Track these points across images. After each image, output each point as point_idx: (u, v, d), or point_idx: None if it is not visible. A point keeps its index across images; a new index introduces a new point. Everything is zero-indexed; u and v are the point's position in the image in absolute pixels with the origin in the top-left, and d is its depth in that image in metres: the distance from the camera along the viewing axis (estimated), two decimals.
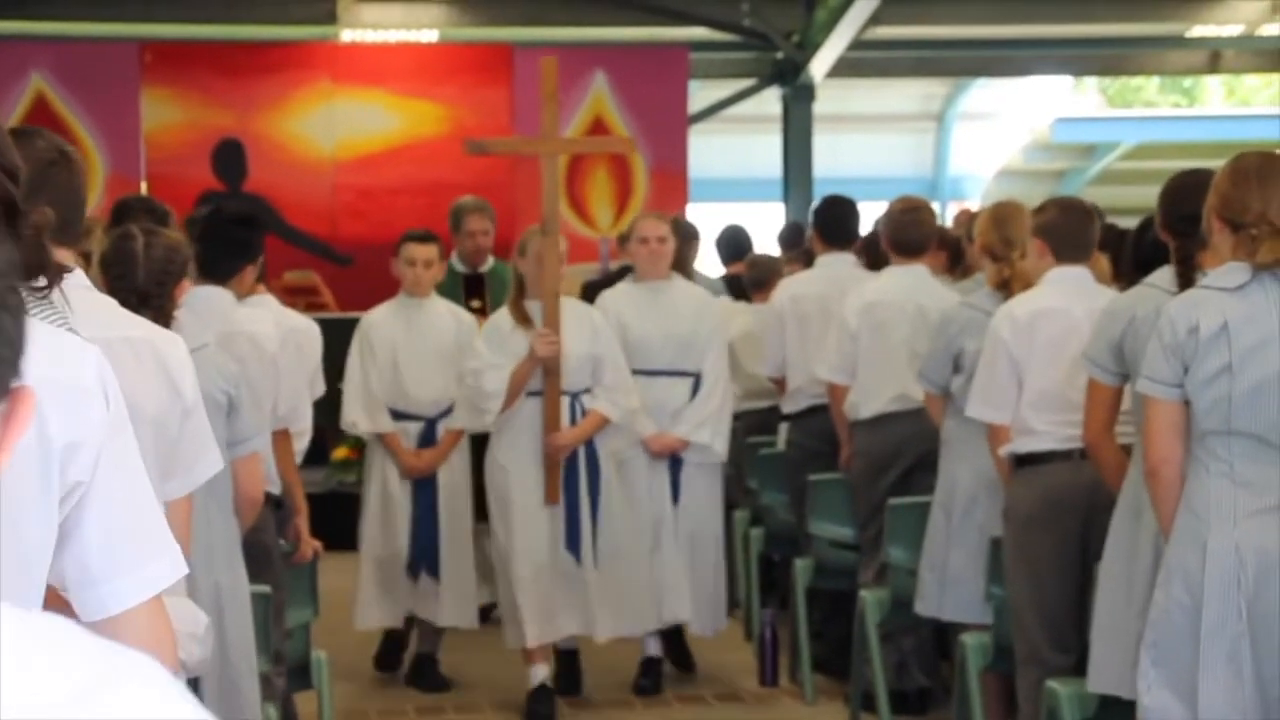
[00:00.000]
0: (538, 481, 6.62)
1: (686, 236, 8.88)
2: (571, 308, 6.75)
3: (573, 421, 6.65)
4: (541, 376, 6.59)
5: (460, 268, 7.99)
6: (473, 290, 7.95)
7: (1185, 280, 4.34)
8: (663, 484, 7.00)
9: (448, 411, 7.05)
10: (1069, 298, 5.21)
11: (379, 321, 7.19)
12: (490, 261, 8.05)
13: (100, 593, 1.85)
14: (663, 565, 6.94)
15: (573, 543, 6.67)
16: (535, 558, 6.62)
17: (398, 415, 7.11)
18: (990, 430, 5.37)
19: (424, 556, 7.10)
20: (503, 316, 6.70)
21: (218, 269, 5.31)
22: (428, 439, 7.13)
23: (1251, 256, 3.82)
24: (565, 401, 6.63)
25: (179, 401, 3.08)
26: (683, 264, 8.72)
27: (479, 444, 7.06)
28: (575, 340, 6.62)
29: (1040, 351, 5.23)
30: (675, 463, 7.02)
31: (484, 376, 6.55)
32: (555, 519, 6.66)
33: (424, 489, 7.13)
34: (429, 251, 7.10)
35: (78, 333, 2.05)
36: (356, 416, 7.11)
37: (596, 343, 6.68)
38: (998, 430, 5.34)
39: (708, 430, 6.99)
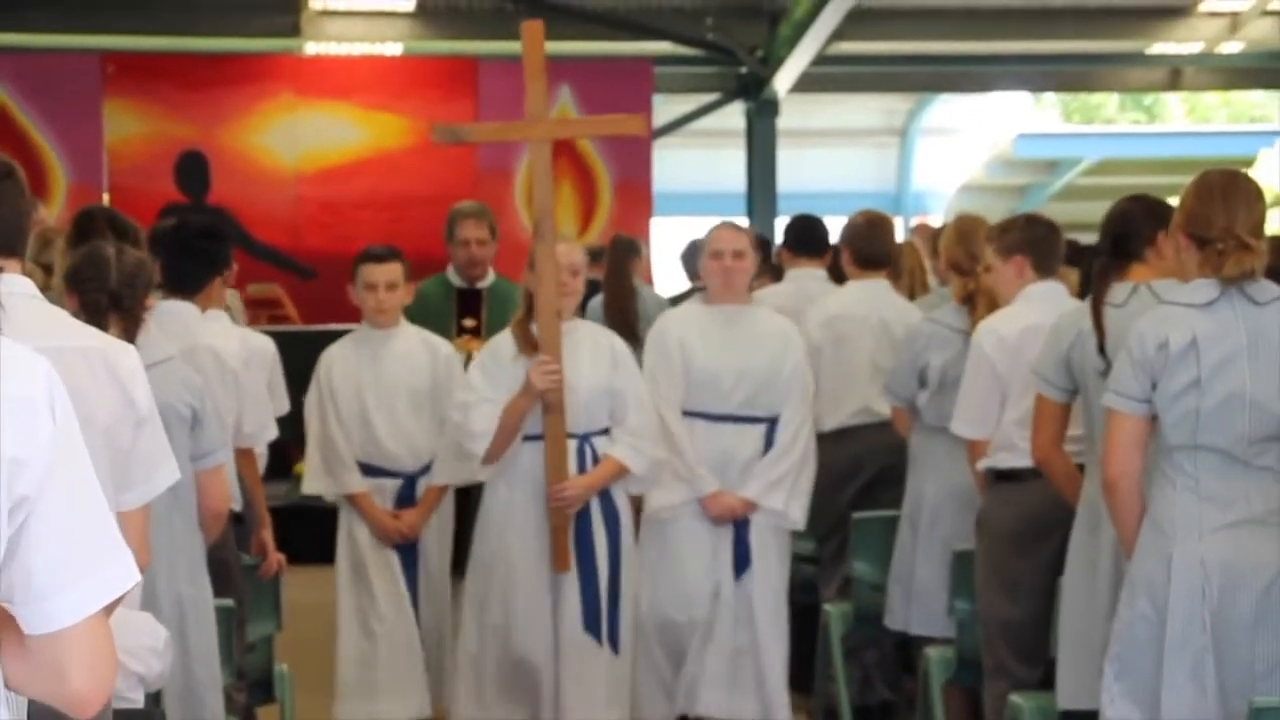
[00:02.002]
0: (542, 545, 5.41)
1: (628, 252, 8.87)
2: (583, 331, 5.56)
3: (580, 470, 5.43)
4: (541, 414, 5.38)
5: (456, 281, 6.96)
6: (468, 307, 6.93)
7: (1099, 293, 4.47)
8: (722, 551, 5.74)
9: (429, 466, 5.98)
10: (1052, 313, 5.24)
11: (339, 360, 5.99)
12: (491, 276, 6.98)
13: (45, 608, 1.83)
14: (715, 650, 5.73)
15: (592, 620, 5.42)
16: (542, 640, 5.41)
17: (369, 471, 5.98)
18: (970, 445, 5.38)
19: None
20: (504, 341, 5.48)
21: (185, 283, 5.29)
22: (406, 499, 5.98)
23: (1218, 271, 3.86)
24: (572, 446, 5.42)
25: (132, 411, 3.07)
26: (624, 280, 8.68)
27: (463, 494, 6.09)
28: (588, 370, 5.43)
29: (1027, 369, 5.24)
30: (741, 525, 5.74)
31: (472, 413, 5.38)
32: (565, 591, 5.43)
33: (409, 556, 6.00)
34: (390, 272, 5.90)
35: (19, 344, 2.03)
36: (319, 483, 5.97)
37: (616, 374, 5.45)
38: (977, 445, 5.35)
39: (782, 493, 5.70)
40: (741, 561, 5.73)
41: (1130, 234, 4.54)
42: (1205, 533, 3.84)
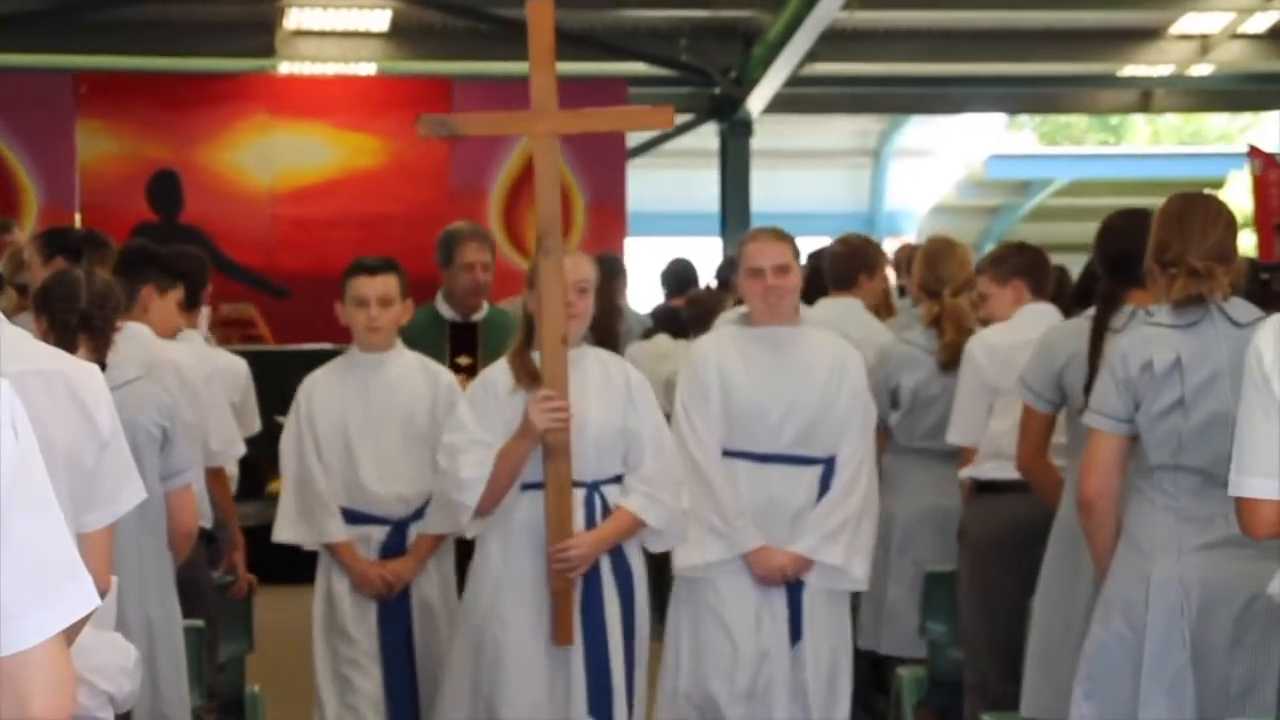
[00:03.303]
0: (541, 613, 4.61)
1: (614, 271, 8.89)
2: (592, 360, 4.72)
3: (589, 524, 4.60)
4: (542, 459, 4.58)
5: (447, 313, 6.07)
6: (462, 343, 6.06)
7: (1101, 317, 4.50)
8: (770, 615, 4.88)
9: (422, 511, 5.16)
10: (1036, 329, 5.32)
11: (321, 388, 5.20)
12: (485, 308, 6.13)
13: (4, 631, 1.82)
14: None
15: (600, 703, 4.60)
16: None
17: (353, 517, 5.19)
18: (961, 453, 5.42)
19: (400, 708, 5.17)
20: (499, 372, 4.67)
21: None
22: (394, 550, 5.19)
23: (1167, 296, 3.89)
24: (579, 496, 4.60)
25: (95, 433, 3.06)
26: (610, 299, 8.71)
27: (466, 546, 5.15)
28: (598, 406, 4.63)
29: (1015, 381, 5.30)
30: (793, 586, 4.91)
31: (460, 457, 4.57)
32: (568, 668, 4.62)
33: (393, 615, 5.18)
34: (384, 285, 5.11)
35: None
36: (294, 530, 5.18)
37: (632, 411, 4.65)
38: (966, 454, 5.39)
39: (840, 546, 4.84)
40: (795, 630, 4.85)
41: (1134, 254, 4.50)
42: (1184, 552, 3.85)
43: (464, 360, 5.97)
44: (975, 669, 5.24)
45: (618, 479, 4.66)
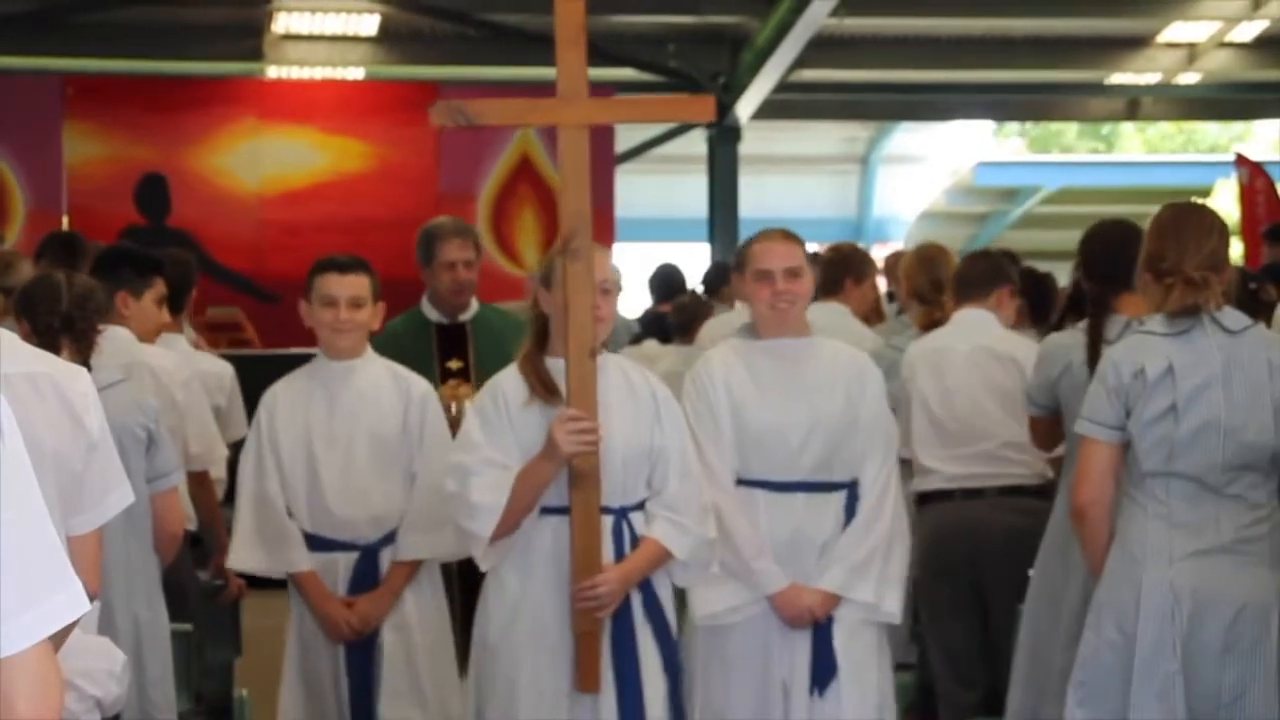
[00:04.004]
0: (563, 655, 4.11)
1: None
2: (614, 370, 4.22)
3: (618, 555, 4.11)
4: (567, 484, 4.07)
5: (433, 315, 5.65)
6: (451, 346, 5.62)
7: (1095, 326, 4.54)
8: (798, 662, 4.38)
9: (394, 535, 4.71)
10: (973, 339, 5.39)
11: (284, 400, 4.75)
12: (475, 307, 5.70)
13: None
14: None
15: None
16: None
17: (318, 544, 4.71)
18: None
19: None
20: (509, 381, 4.17)
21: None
22: (365, 579, 4.71)
23: (1164, 306, 3.90)
24: (606, 524, 4.11)
25: (83, 436, 3.05)
26: None
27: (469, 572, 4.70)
28: (624, 423, 4.14)
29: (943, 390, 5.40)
30: (821, 625, 4.40)
31: (472, 480, 4.05)
32: (597, 718, 4.12)
33: (358, 656, 4.70)
34: (354, 285, 4.71)
35: None
36: (251, 557, 4.73)
37: (660, 429, 4.18)
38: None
39: (870, 579, 4.37)
40: (824, 671, 4.35)
41: (1121, 260, 4.55)
42: (1175, 559, 3.86)
43: (455, 364, 5.56)
44: (937, 677, 5.36)
45: (644, 504, 4.17)
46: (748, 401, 4.37)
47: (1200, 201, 4.30)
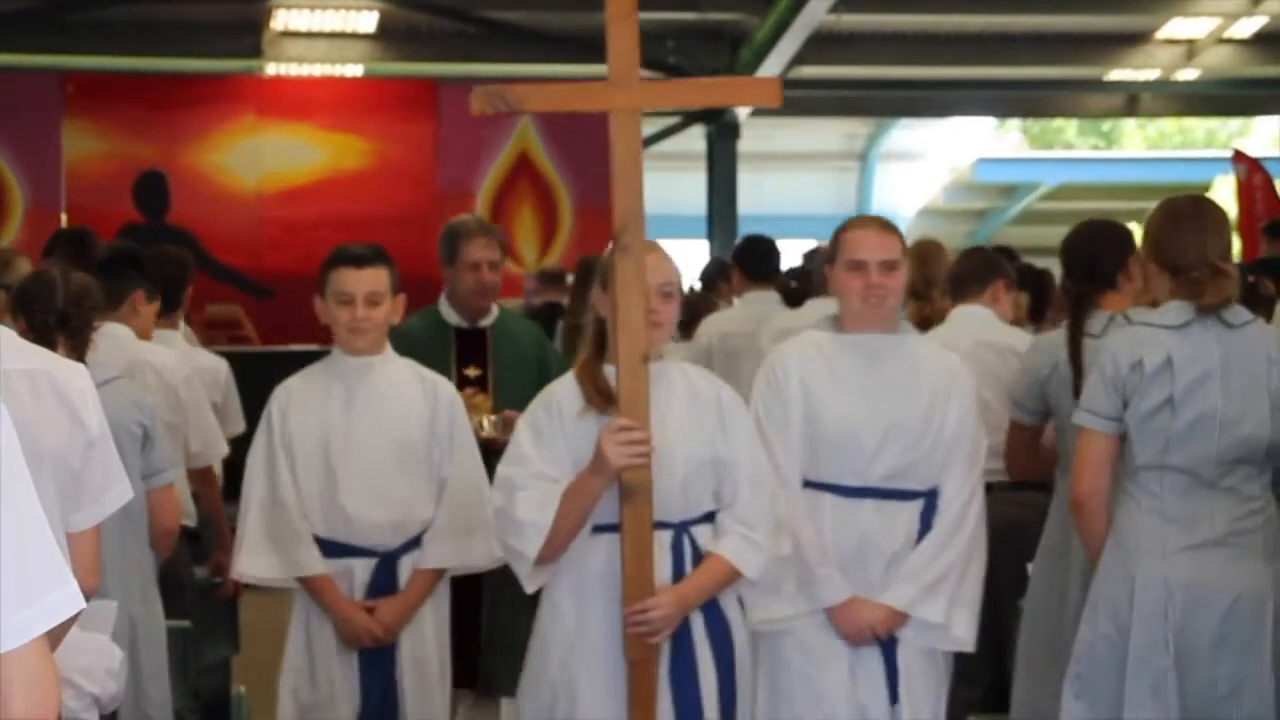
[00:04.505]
0: (620, 686, 3.76)
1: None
2: (677, 376, 3.89)
3: (678, 574, 3.78)
4: (618, 500, 3.72)
5: (452, 318, 5.36)
6: (470, 351, 5.34)
7: (1075, 322, 4.60)
8: (870, 673, 4.08)
9: (416, 542, 4.44)
10: (970, 335, 5.41)
11: (298, 399, 4.45)
12: (495, 311, 5.42)
13: None
14: None
15: None
16: None
17: (332, 549, 4.41)
18: None
19: None
20: (564, 390, 3.85)
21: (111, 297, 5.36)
22: (382, 586, 4.42)
23: (1199, 298, 3.89)
24: (664, 540, 3.77)
25: (82, 433, 3.06)
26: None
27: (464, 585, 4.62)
28: (685, 433, 3.81)
29: None
30: (887, 643, 4.08)
31: (519, 495, 3.75)
32: None
33: (375, 663, 4.43)
34: (373, 279, 4.39)
35: None
36: (261, 562, 4.41)
37: (723, 438, 3.84)
38: None
39: (941, 600, 4.03)
40: (894, 691, 4.07)
41: (1103, 261, 4.61)
42: (1169, 553, 3.86)
43: (473, 371, 5.30)
44: None
45: (709, 517, 3.82)
46: (823, 398, 4.05)
47: (1205, 196, 4.30)
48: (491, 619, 5.07)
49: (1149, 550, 3.86)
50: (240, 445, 6.02)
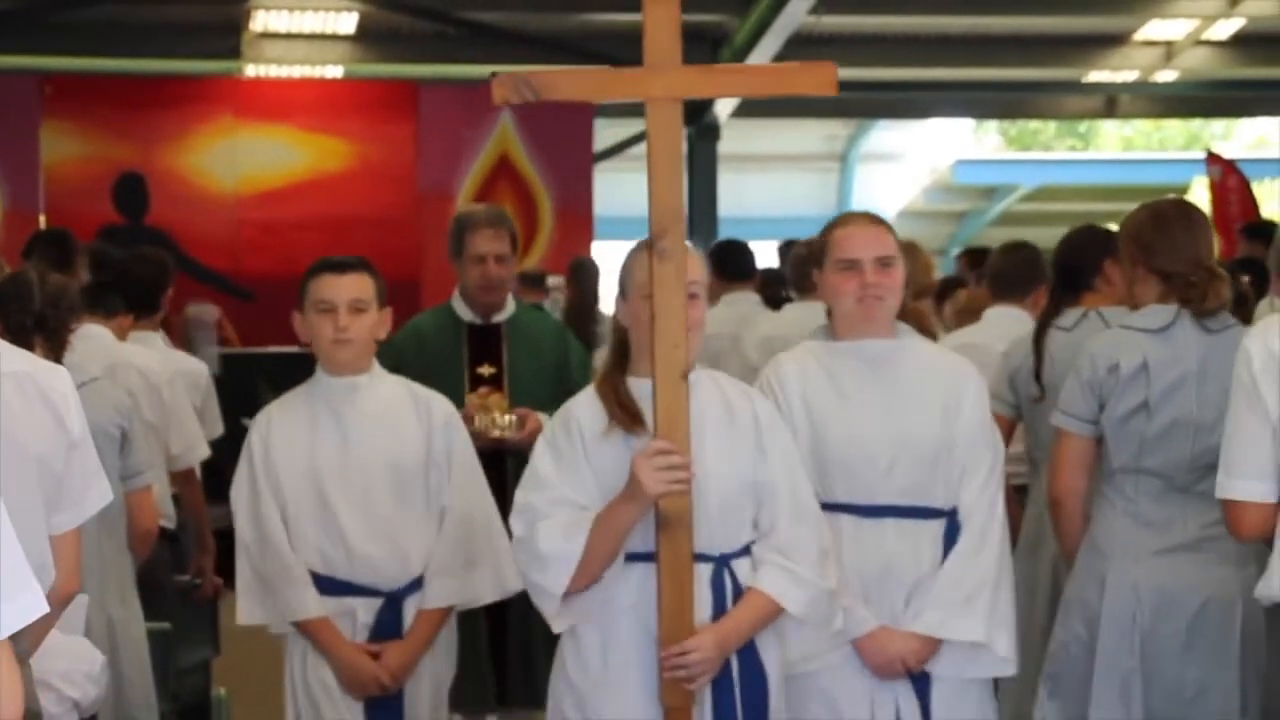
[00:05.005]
0: None
1: (590, 274, 8.93)
2: (707, 389, 3.53)
3: (718, 612, 3.43)
4: (654, 528, 3.38)
5: (465, 314, 5.12)
6: (483, 349, 5.09)
7: (1047, 315, 4.72)
8: (902, 712, 3.72)
9: (422, 580, 4.09)
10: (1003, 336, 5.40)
11: (281, 428, 4.08)
12: (511, 306, 5.17)
13: None
14: None
15: None
16: None
17: (332, 586, 4.05)
18: None
19: None
20: (584, 406, 3.51)
21: (108, 305, 5.36)
22: (387, 627, 4.07)
23: (1199, 302, 3.89)
24: (703, 575, 3.43)
25: (64, 435, 3.05)
26: (592, 304, 8.77)
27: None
28: (720, 453, 3.47)
29: None
30: (920, 676, 3.74)
31: (542, 525, 3.40)
32: None
33: (383, 712, 4.09)
34: (358, 287, 4.06)
35: None
36: (256, 608, 4.08)
37: (763, 459, 3.50)
38: None
39: (978, 617, 3.70)
40: None
41: (1080, 265, 4.66)
42: (1140, 557, 3.88)
43: (486, 370, 5.05)
44: None
45: (748, 549, 3.49)
46: (828, 412, 3.73)
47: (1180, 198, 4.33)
48: (504, 631, 4.90)
49: (1121, 553, 3.88)
50: (220, 447, 6.03)
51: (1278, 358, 3.20)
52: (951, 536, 3.72)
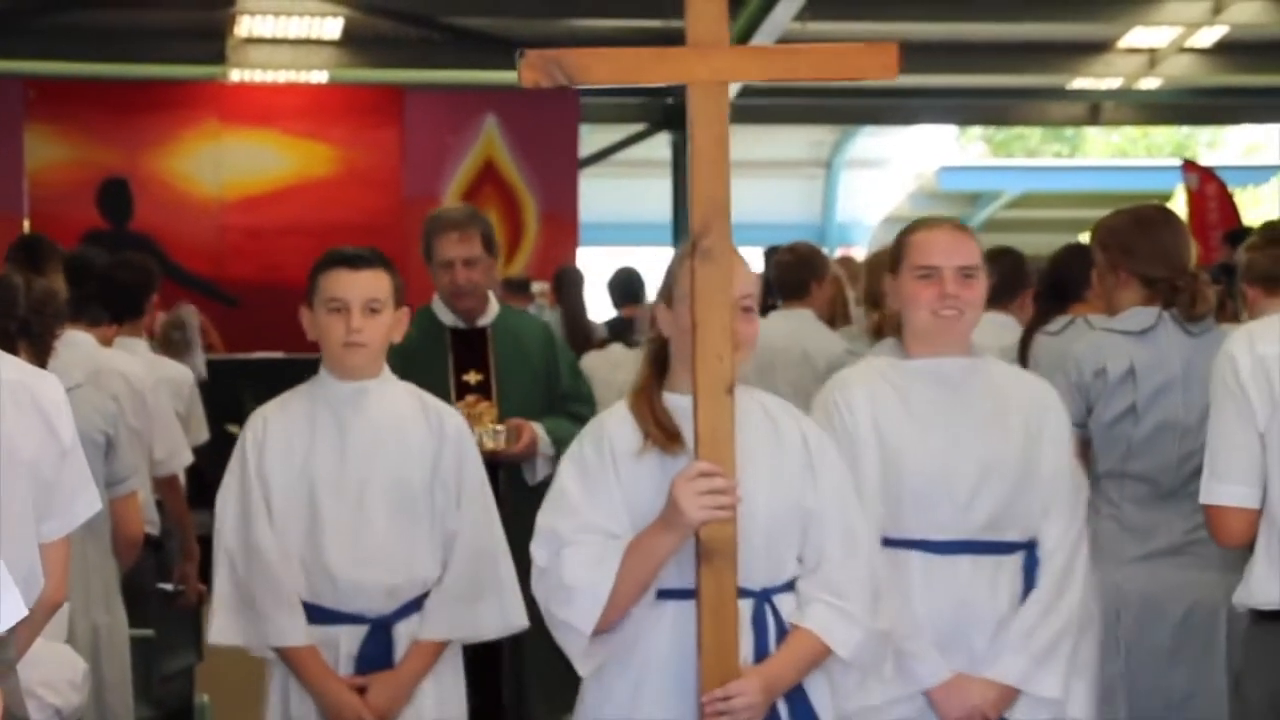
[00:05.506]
0: None
1: (582, 283, 8.94)
2: (752, 407, 3.21)
3: (760, 652, 3.10)
4: (694, 561, 3.04)
5: (447, 318, 4.85)
6: (468, 355, 4.81)
7: (1034, 323, 4.81)
8: None
9: (415, 605, 3.72)
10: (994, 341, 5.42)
11: (279, 431, 3.72)
12: (495, 309, 4.90)
13: None
14: None
15: None
16: None
17: (315, 614, 3.68)
18: None
19: None
20: (616, 424, 3.18)
21: (101, 312, 5.36)
22: (373, 659, 3.69)
23: (1188, 307, 3.90)
24: (745, 611, 3.09)
25: (56, 443, 3.05)
26: (582, 312, 8.76)
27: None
28: (768, 477, 3.15)
29: None
30: None
31: (567, 553, 3.07)
32: None
33: None
34: (372, 285, 3.69)
35: None
36: (232, 627, 3.68)
37: (813, 485, 3.19)
38: None
39: (1057, 670, 3.39)
40: None
41: (1070, 279, 4.69)
42: (1124, 562, 3.89)
43: (472, 377, 4.74)
44: None
45: (791, 584, 3.17)
46: (902, 441, 3.39)
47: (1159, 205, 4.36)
48: (517, 652, 4.47)
49: (1106, 558, 3.89)
50: (204, 453, 6.02)
51: (1264, 363, 3.21)
52: (1030, 571, 3.42)
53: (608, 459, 3.11)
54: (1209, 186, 11.84)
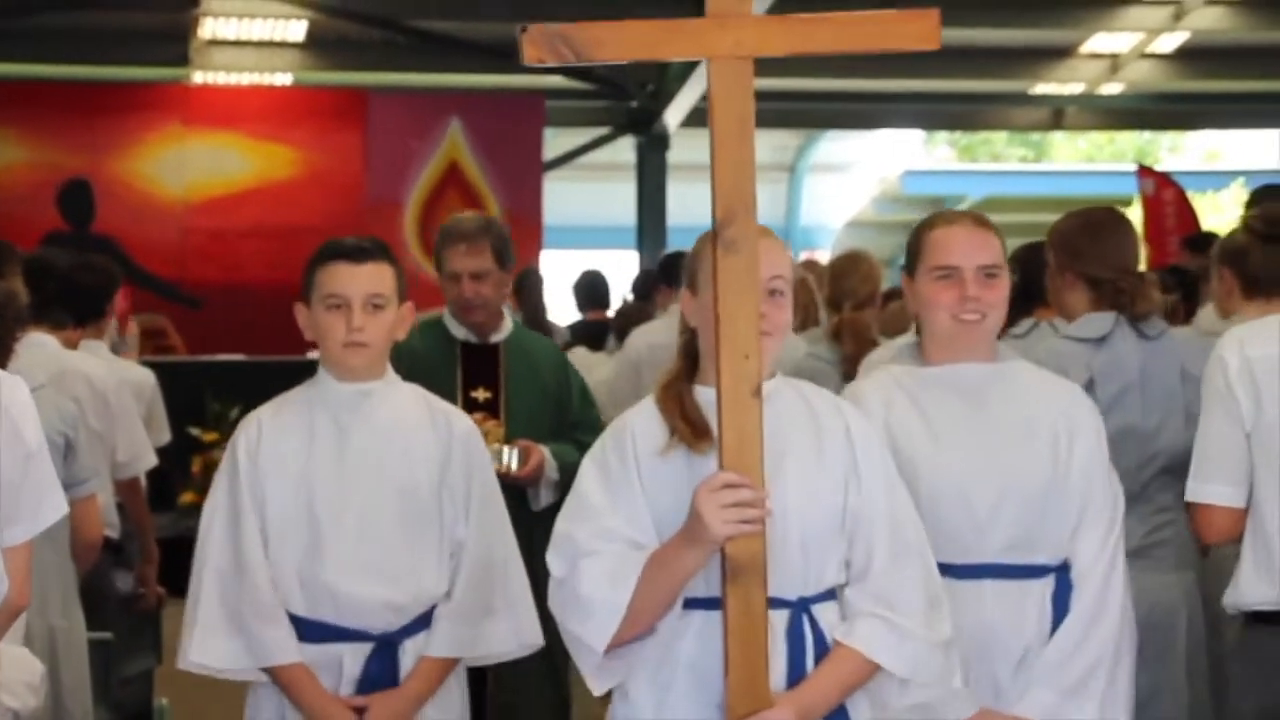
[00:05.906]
0: None
1: (542, 285, 8.94)
2: (791, 398, 2.98)
3: (795, 669, 2.84)
4: (720, 570, 2.76)
5: (458, 332, 4.61)
6: (478, 371, 4.58)
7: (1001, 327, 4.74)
8: None
9: (423, 621, 3.47)
10: None
11: (273, 436, 3.47)
12: (509, 326, 4.66)
13: None
14: None
15: None
16: None
17: (315, 631, 3.43)
18: None
19: None
20: (641, 421, 2.93)
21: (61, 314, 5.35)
22: (377, 678, 3.44)
23: (1129, 307, 3.93)
24: (777, 623, 2.82)
25: (21, 446, 3.03)
26: (542, 314, 8.78)
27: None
28: (805, 475, 2.89)
29: None
30: None
31: (584, 564, 2.84)
32: None
33: None
34: (375, 279, 3.45)
35: None
36: (218, 646, 3.41)
37: (858, 483, 2.91)
38: None
39: (1093, 698, 3.16)
40: None
41: (1035, 281, 4.66)
42: None
43: (481, 394, 4.53)
44: None
45: (833, 592, 2.91)
46: (917, 457, 3.13)
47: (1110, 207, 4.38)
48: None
49: None
50: (165, 455, 6.00)
51: (1251, 364, 3.28)
52: (1061, 595, 3.17)
53: (630, 458, 2.87)
54: (1166, 191, 11.91)
